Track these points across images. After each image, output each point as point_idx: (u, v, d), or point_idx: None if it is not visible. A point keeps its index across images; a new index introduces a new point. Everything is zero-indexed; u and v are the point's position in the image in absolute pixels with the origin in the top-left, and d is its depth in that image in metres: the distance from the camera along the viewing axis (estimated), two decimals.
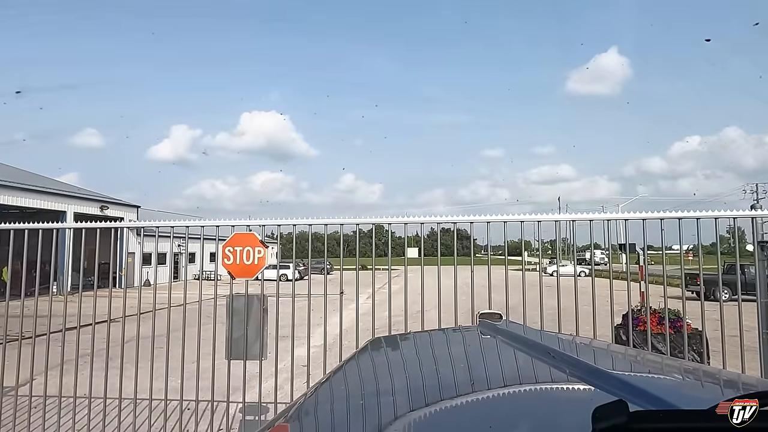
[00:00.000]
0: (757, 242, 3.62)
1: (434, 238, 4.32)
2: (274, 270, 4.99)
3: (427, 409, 1.00)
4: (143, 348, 3.88)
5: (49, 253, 3.96)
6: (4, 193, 20.50)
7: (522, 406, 1.00)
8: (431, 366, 1.42)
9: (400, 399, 1.08)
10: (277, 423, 1.08)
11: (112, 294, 4.06)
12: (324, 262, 4.46)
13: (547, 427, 0.88)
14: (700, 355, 4.77)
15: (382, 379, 1.33)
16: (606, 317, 3.97)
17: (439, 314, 3.79)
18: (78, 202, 24.90)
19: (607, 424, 0.63)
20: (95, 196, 26.81)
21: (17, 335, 4.11)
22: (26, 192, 22.01)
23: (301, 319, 3.93)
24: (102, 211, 25.49)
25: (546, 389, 1.09)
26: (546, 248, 26.75)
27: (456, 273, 3.89)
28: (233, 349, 3.80)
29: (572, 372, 1.09)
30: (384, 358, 1.63)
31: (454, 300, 3.76)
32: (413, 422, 0.92)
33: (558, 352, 1.24)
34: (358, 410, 1.06)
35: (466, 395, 1.06)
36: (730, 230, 4.10)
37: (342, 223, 4.01)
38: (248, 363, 3.80)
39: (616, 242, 6.41)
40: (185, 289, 4.12)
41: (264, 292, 3.90)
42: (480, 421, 0.90)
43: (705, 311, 3.62)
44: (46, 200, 22.89)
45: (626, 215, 3.87)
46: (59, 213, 22.88)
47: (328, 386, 1.30)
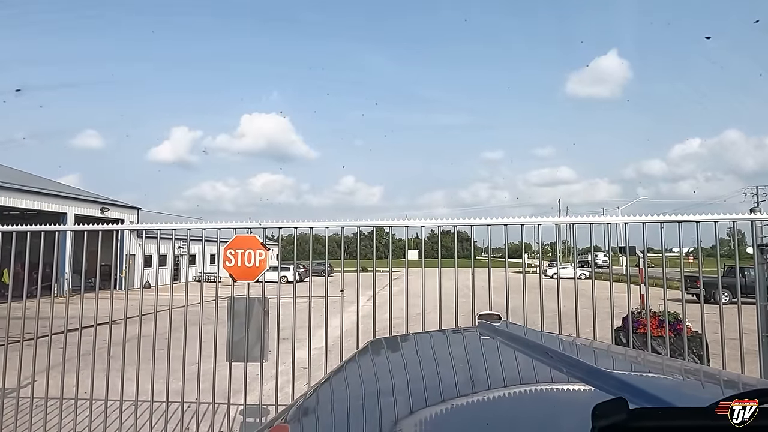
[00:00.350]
0: (757, 245, 3.64)
1: (434, 240, 4.33)
2: (274, 272, 5.02)
3: (427, 409, 1.00)
4: (144, 350, 3.88)
5: (51, 255, 3.97)
6: (4, 195, 20.52)
7: (522, 407, 1.00)
8: (431, 367, 1.42)
9: (399, 399, 1.08)
10: (276, 423, 1.09)
11: (113, 296, 4.07)
12: (324, 264, 4.47)
13: (547, 427, 0.88)
14: (699, 358, 4.80)
15: (381, 380, 1.33)
16: (606, 320, 3.97)
17: (439, 316, 3.79)
18: (78, 203, 24.87)
19: (607, 421, 0.63)
20: (95, 197, 26.79)
21: (18, 337, 4.11)
22: (27, 193, 21.98)
23: (301, 321, 3.93)
24: (102, 213, 25.48)
25: (545, 389, 1.09)
26: (546, 251, 26.61)
27: (456, 275, 3.90)
28: (234, 352, 3.80)
29: (571, 372, 1.09)
30: (384, 359, 1.63)
31: (454, 302, 3.76)
32: (413, 422, 0.92)
33: (557, 353, 1.24)
34: (358, 410, 1.06)
35: (465, 396, 1.06)
36: (730, 233, 4.11)
37: (343, 225, 4.00)
38: (249, 365, 3.80)
39: (615, 245, 6.42)
40: (186, 290, 4.13)
41: (265, 294, 3.91)
42: (479, 422, 0.90)
43: (705, 314, 3.61)
44: (47, 202, 22.84)
45: (626, 218, 3.90)
46: (60, 215, 22.82)
47: (328, 386, 1.31)
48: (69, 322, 4.06)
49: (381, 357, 1.65)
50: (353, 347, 3.22)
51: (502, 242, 3.99)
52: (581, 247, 5.85)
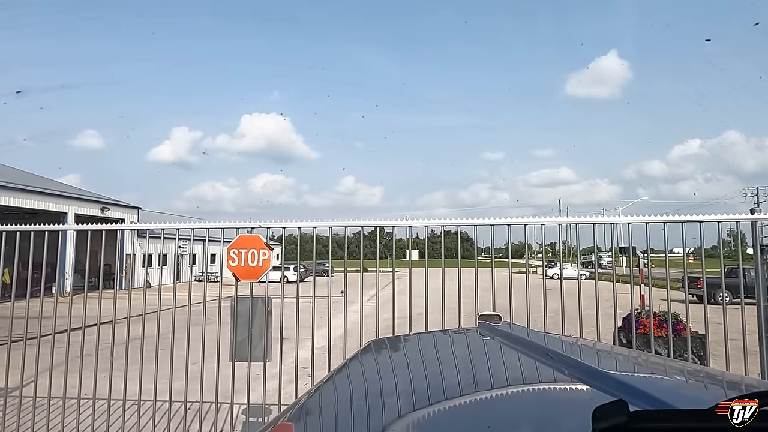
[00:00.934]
0: (760, 246, 3.65)
1: (435, 240, 4.32)
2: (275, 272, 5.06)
3: (428, 409, 1.00)
4: (147, 349, 3.89)
5: (54, 255, 3.98)
6: (5, 194, 20.45)
7: (522, 408, 1.00)
8: (432, 367, 1.42)
9: (401, 399, 1.08)
10: (279, 422, 1.09)
11: (117, 295, 4.08)
12: (324, 264, 4.49)
13: (548, 428, 0.88)
14: (701, 359, 4.78)
15: (383, 380, 1.33)
16: (607, 319, 3.98)
17: (443, 316, 3.80)
18: (78, 203, 24.80)
19: (607, 423, 0.63)
20: (96, 197, 26.74)
21: (20, 336, 4.13)
22: (27, 193, 21.89)
23: (303, 321, 3.93)
24: (103, 213, 25.42)
25: (546, 390, 1.09)
26: (547, 251, 26.44)
27: (459, 275, 3.91)
28: (237, 352, 3.81)
29: (572, 373, 1.09)
30: (385, 359, 1.63)
31: (458, 302, 3.77)
32: (414, 422, 0.92)
33: (557, 353, 1.24)
34: (359, 410, 1.06)
35: (466, 396, 1.06)
36: (731, 234, 4.11)
37: (346, 225, 4.01)
38: (252, 364, 3.81)
39: (616, 245, 6.46)
40: (190, 290, 4.13)
41: (268, 294, 3.91)
42: (480, 422, 0.90)
43: (708, 314, 3.61)
44: (47, 201, 22.76)
45: (630, 218, 3.89)
46: (60, 214, 22.77)
47: (330, 386, 1.31)
48: (72, 322, 4.06)
49: (382, 357, 1.65)
50: (356, 346, 3.26)
51: (502, 242, 4.07)
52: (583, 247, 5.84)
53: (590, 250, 6.29)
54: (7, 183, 21.06)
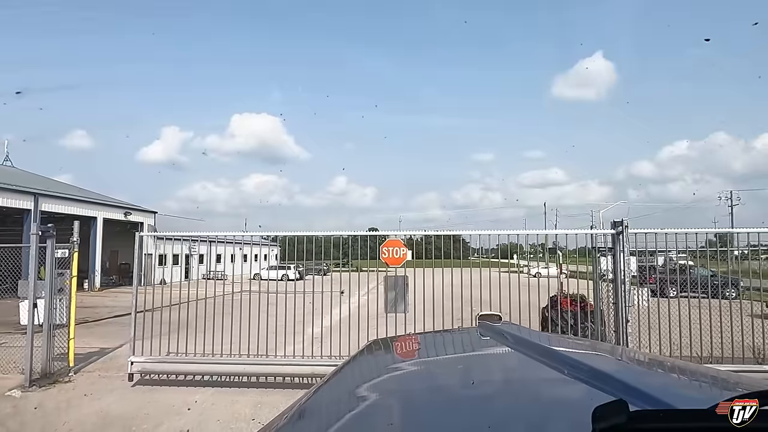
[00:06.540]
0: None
1: (428, 241, 5.31)
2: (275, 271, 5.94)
3: (428, 409, 0.95)
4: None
5: None
6: (49, 202, 20.84)
7: (522, 408, 0.93)
8: (431, 367, 1.36)
9: (401, 399, 1.03)
10: (279, 423, 1.01)
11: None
12: (323, 264, 4.94)
13: (548, 428, 0.82)
14: (595, 325, 5.73)
15: (382, 380, 1.26)
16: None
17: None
18: (105, 208, 24.87)
19: (607, 423, 0.59)
20: (119, 203, 26.63)
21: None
22: (66, 201, 22.27)
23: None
24: (126, 217, 25.29)
25: (546, 390, 1.02)
26: (535, 252, 27.22)
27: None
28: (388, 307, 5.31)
29: (572, 373, 1.02)
30: (384, 359, 1.56)
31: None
32: (414, 422, 0.88)
33: (557, 354, 1.18)
34: (359, 410, 1.00)
35: (466, 396, 1.00)
36: None
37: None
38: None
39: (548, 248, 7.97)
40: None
41: None
42: (480, 422, 0.84)
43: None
44: (81, 208, 22.96)
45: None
46: (91, 219, 23.23)
47: (329, 387, 1.23)
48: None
49: (381, 357, 1.58)
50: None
51: (493, 244, 4.96)
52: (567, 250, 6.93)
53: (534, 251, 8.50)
54: (58, 193, 21.97)
